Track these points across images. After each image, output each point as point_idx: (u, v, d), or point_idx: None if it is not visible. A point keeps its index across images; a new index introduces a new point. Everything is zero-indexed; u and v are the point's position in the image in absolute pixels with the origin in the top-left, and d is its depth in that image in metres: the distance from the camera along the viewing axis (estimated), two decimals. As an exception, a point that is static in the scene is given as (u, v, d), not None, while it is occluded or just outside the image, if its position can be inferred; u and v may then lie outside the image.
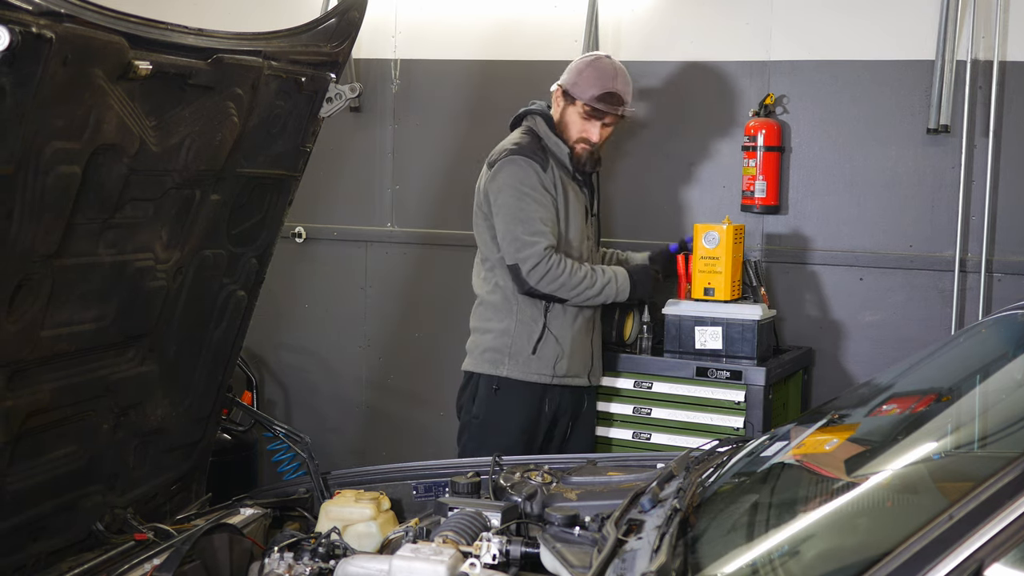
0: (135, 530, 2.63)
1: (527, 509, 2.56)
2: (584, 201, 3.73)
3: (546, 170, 3.55)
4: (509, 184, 3.53)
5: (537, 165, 3.52)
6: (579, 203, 3.68)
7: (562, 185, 3.60)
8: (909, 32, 4.23)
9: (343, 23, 2.78)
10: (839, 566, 1.78)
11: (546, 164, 3.55)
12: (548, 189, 3.55)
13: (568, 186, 3.63)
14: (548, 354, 3.65)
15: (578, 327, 3.72)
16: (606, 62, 3.55)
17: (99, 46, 2.04)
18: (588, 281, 3.59)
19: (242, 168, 2.68)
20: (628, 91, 3.57)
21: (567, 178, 3.64)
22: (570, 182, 3.64)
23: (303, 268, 5.21)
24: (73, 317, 2.38)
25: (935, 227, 4.26)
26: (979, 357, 2.60)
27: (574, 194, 3.66)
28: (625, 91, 3.55)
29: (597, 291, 3.63)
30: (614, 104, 3.49)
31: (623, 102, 3.52)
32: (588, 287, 3.60)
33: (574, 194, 3.66)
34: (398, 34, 4.99)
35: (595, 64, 3.54)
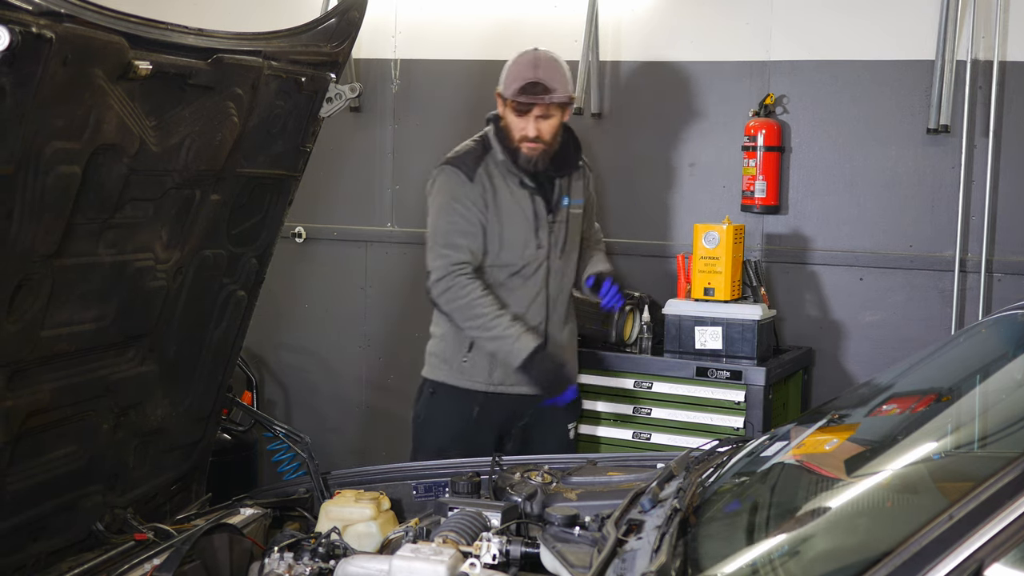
0: (135, 530, 2.63)
1: (527, 509, 2.56)
2: (534, 206, 3.48)
3: (473, 180, 3.41)
4: (437, 193, 3.47)
5: (464, 176, 3.41)
6: (521, 209, 3.46)
7: (494, 193, 3.43)
8: (909, 32, 4.23)
9: (343, 23, 2.78)
10: (839, 566, 1.78)
11: (473, 174, 3.41)
12: (474, 201, 3.41)
13: (508, 193, 3.45)
14: (481, 362, 3.51)
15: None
16: (527, 54, 3.40)
17: (99, 46, 2.04)
18: (484, 322, 3.40)
19: (242, 168, 2.68)
20: (555, 77, 3.36)
21: (510, 184, 3.45)
22: (514, 188, 3.45)
23: (303, 268, 5.21)
24: (73, 317, 2.38)
25: (935, 227, 4.26)
26: (979, 357, 2.60)
27: (514, 201, 3.46)
28: (550, 78, 3.34)
29: (489, 337, 3.42)
30: (537, 93, 3.31)
31: (548, 89, 3.33)
32: (481, 328, 3.41)
33: (514, 201, 3.46)
34: (398, 34, 4.99)
35: (516, 59, 3.41)
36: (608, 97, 4.69)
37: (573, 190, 3.57)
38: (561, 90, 3.36)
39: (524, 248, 3.48)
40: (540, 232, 3.49)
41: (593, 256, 3.78)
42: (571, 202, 3.56)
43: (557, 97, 3.34)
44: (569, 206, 3.56)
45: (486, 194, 3.42)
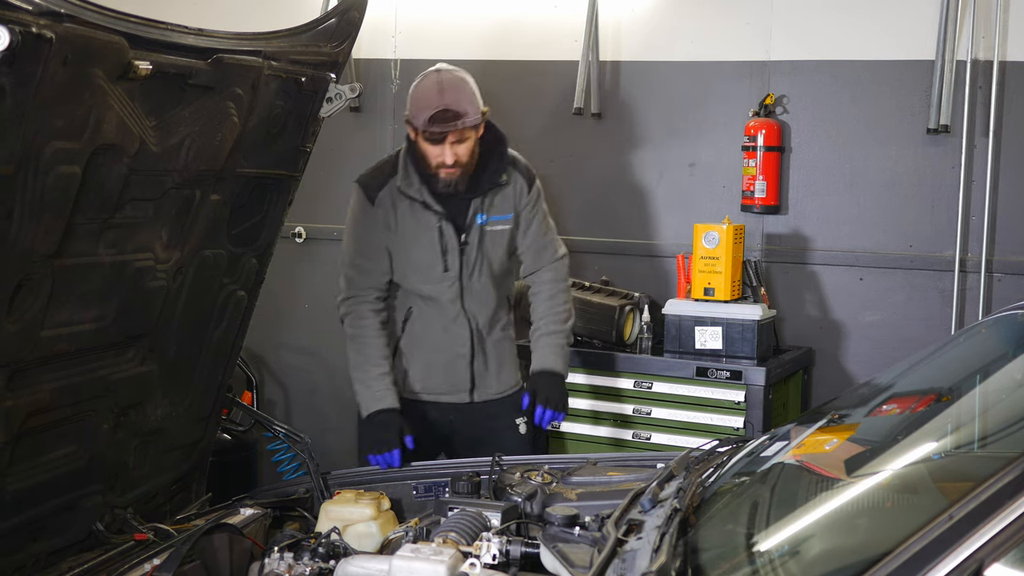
0: (135, 530, 2.63)
1: (527, 509, 2.56)
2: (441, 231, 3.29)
3: (375, 203, 3.29)
4: (349, 210, 3.38)
5: (366, 198, 3.30)
6: (426, 234, 3.29)
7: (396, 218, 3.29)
8: (909, 32, 4.23)
9: (343, 23, 2.78)
10: (839, 566, 1.78)
11: (376, 197, 3.29)
12: (375, 225, 3.30)
13: (411, 217, 3.28)
14: (400, 369, 3.43)
15: (435, 345, 3.41)
16: (429, 78, 3.18)
17: (99, 46, 2.04)
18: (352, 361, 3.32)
19: (242, 168, 2.68)
20: (462, 99, 3.14)
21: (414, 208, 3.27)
22: (419, 212, 3.27)
23: (303, 268, 5.21)
24: (73, 317, 2.38)
25: (935, 227, 4.26)
26: (979, 357, 2.60)
27: (418, 225, 3.28)
28: (457, 101, 3.12)
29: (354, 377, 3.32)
30: (448, 120, 3.10)
31: (459, 115, 3.11)
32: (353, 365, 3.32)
33: (418, 225, 3.28)
34: (398, 34, 4.99)
35: (419, 85, 3.20)
36: (608, 97, 4.69)
37: (494, 206, 3.33)
38: (472, 112, 3.14)
39: (430, 271, 3.32)
40: (448, 256, 3.30)
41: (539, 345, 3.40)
42: (489, 219, 3.31)
43: (469, 121, 3.14)
44: (486, 224, 3.31)
45: (388, 218, 3.29)
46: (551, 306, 3.43)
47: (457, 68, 3.23)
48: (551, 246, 3.47)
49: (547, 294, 3.44)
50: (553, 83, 4.73)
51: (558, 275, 3.46)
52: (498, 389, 3.48)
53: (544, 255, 3.45)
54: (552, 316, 3.41)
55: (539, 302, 3.45)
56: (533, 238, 3.42)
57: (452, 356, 3.41)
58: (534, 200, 3.39)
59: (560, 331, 3.40)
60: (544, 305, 3.43)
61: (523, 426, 3.48)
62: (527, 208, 3.38)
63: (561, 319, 3.42)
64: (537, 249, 3.43)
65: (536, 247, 3.43)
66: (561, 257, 3.49)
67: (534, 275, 3.47)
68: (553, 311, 3.42)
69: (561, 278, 3.47)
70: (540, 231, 3.43)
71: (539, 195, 3.41)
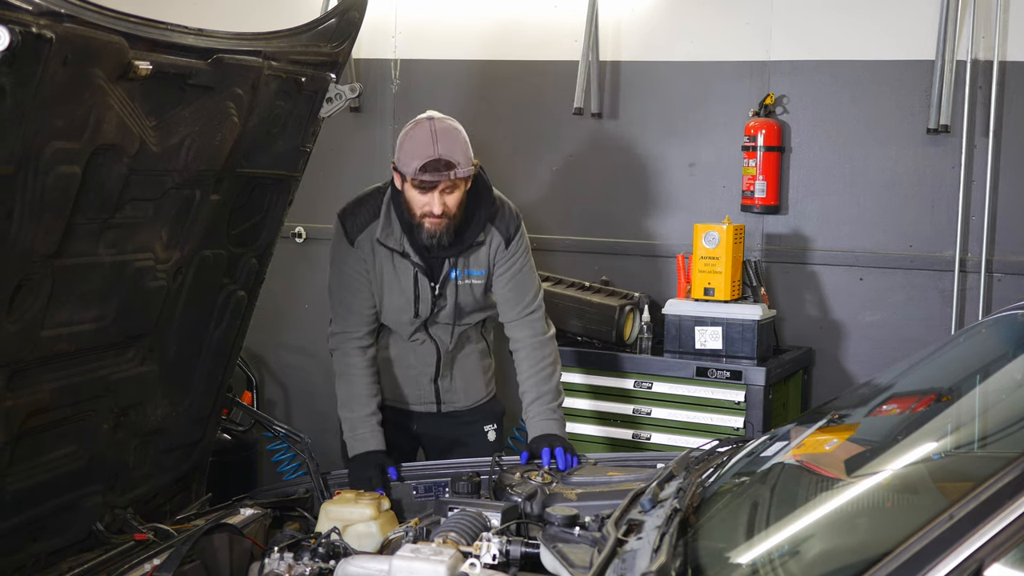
0: (135, 530, 2.63)
1: (527, 509, 2.57)
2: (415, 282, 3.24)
3: (354, 244, 3.23)
4: (332, 243, 3.31)
5: (346, 238, 3.24)
6: (399, 282, 3.25)
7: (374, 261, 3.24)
8: (909, 32, 4.23)
9: (343, 23, 2.78)
10: (839, 566, 1.78)
11: (355, 238, 3.23)
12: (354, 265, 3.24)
13: (389, 264, 3.24)
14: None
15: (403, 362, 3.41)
16: (423, 127, 3.08)
17: (99, 46, 2.04)
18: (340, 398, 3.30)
19: (242, 168, 2.68)
20: (456, 149, 3.05)
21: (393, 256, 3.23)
22: (397, 260, 3.23)
23: (303, 268, 5.21)
24: (73, 317, 2.38)
25: (935, 227, 4.26)
26: (979, 357, 2.60)
27: (395, 273, 3.24)
28: (450, 152, 3.04)
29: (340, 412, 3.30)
30: (440, 171, 3.02)
31: (452, 165, 3.03)
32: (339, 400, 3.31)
33: (395, 273, 3.24)
34: (398, 34, 4.99)
35: (412, 133, 3.10)
36: (608, 97, 4.69)
37: (470, 262, 3.26)
38: (464, 163, 3.06)
39: (400, 315, 3.29)
40: (420, 304, 3.26)
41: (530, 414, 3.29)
42: (463, 274, 3.26)
43: (462, 172, 3.05)
44: (459, 279, 3.26)
45: (367, 260, 3.25)
46: (533, 366, 3.32)
47: (448, 117, 3.15)
48: (524, 299, 3.34)
49: (526, 353, 3.34)
50: (553, 83, 4.73)
51: (535, 330, 3.35)
52: (465, 403, 3.46)
53: (517, 307, 3.34)
54: (537, 378, 3.31)
55: (520, 361, 3.35)
56: (505, 289, 3.32)
57: (417, 373, 3.40)
58: (511, 255, 3.29)
59: (546, 392, 3.30)
60: (526, 365, 3.33)
61: (492, 433, 3.49)
62: (502, 263, 3.29)
63: (545, 377, 3.31)
64: (510, 299, 3.33)
65: (509, 298, 3.33)
66: (535, 310, 3.36)
67: (511, 328, 3.37)
68: (537, 372, 3.32)
69: (538, 332, 3.35)
70: (516, 283, 3.32)
71: (518, 251, 3.30)
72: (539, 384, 3.30)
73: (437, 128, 3.08)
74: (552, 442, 3.14)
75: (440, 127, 3.08)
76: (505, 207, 3.29)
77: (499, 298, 3.35)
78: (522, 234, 3.32)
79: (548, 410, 3.27)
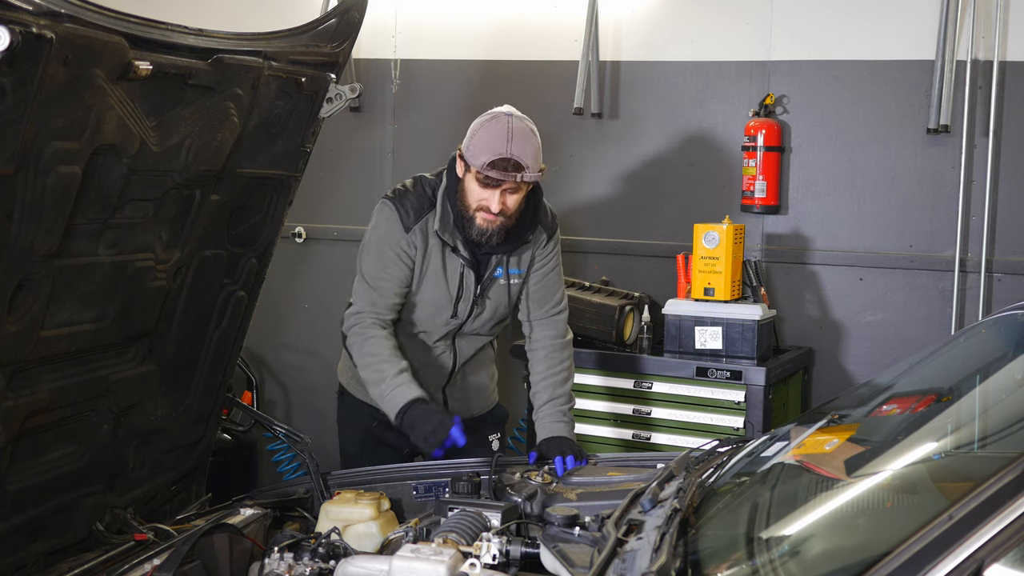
0: (135, 530, 2.63)
1: (527, 509, 2.56)
2: (462, 279, 3.20)
3: (409, 232, 3.15)
4: (376, 227, 3.22)
5: (402, 224, 3.16)
6: (447, 279, 3.20)
7: (425, 254, 3.18)
8: (909, 32, 4.23)
9: (343, 23, 2.78)
10: (839, 566, 1.78)
11: (411, 226, 3.15)
12: (405, 251, 3.17)
13: (439, 259, 3.18)
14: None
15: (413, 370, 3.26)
16: (500, 122, 3.02)
17: (99, 46, 2.04)
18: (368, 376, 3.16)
19: (242, 168, 2.68)
20: (528, 152, 2.99)
21: (445, 250, 3.17)
22: (448, 255, 3.18)
23: (303, 268, 5.21)
24: (73, 317, 2.38)
25: (935, 227, 4.26)
26: (979, 357, 2.60)
27: (443, 268, 3.19)
28: (523, 153, 2.98)
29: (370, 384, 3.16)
30: (508, 171, 2.96)
31: (522, 167, 2.97)
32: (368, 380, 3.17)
33: (443, 268, 3.19)
34: (398, 34, 4.99)
35: (488, 126, 3.04)
36: (608, 97, 4.69)
37: (512, 261, 3.24)
38: (533, 167, 3.01)
39: (436, 315, 3.24)
40: (460, 304, 3.22)
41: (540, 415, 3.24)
42: (505, 272, 3.24)
43: (529, 176, 3.00)
44: (503, 276, 3.24)
45: (417, 251, 3.17)
46: (549, 366, 3.30)
47: (526, 117, 3.09)
48: (553, 298, 3.34)
49: (545, 352, 3.32)
50: (553, 83, 4.73)
51: (558, 331, 3.34)
52: (471, 411, 3.41)
53: (545, 305, 3.32)
54: (553, 380, 3.28)
55: (537, 361, 3.33)
56: (538, 286, 3.31)
57: (428, 384, 3.30)
58: (550, 251, 3.30)
59: (561, 395, 3.27)
60: (543, 366, 3.31)
61: (496, 442, 3.43)
62: (539, 260, 3.29)
63: (561, 380, 3.29)
64: (540, 297, 3.31)
65: (539, 295, 3.31)
66: (561, 311, 3.36)
67: (533, 326, 3.35)
68: (555, 375, 3.29)
69: (560, 334, 3.34)
70: (548, 281, 3.31)
71: (556, 247, 3.33)
72: (554, 387, 3.27)
73: (515, 127, 3.02)
74: (563, 446, 3.10)
75: (517, 126, 3.02)
76: (545, 204, 3.30)
77: (529, 296, 3.30)
78: (558, 229, 3.34)
79: (560, 412, 3.23)
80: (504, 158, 2.97)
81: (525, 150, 3.00)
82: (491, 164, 2.98)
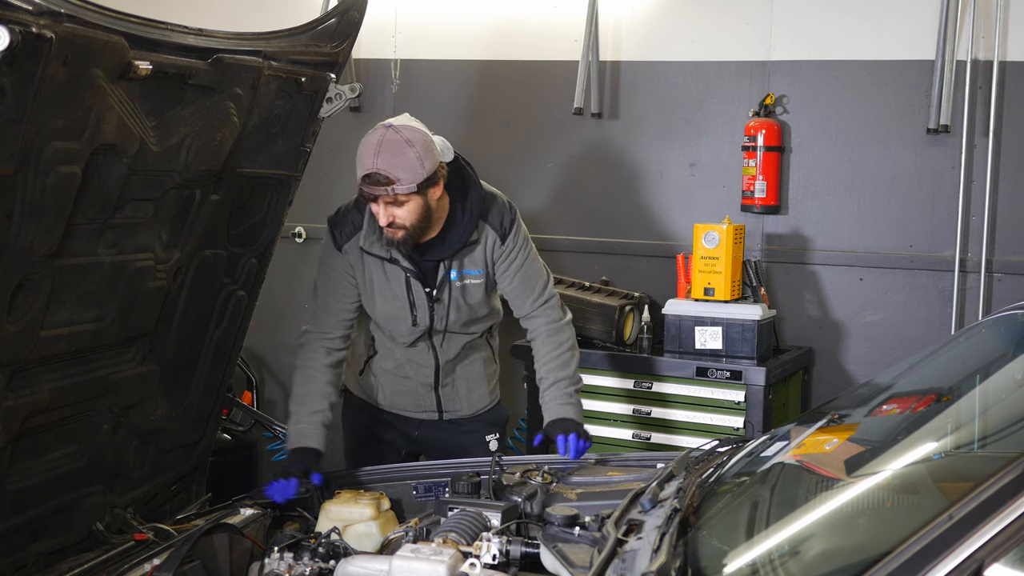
0: (135, 530, 2.63)
1: (527, 509, 2.56)
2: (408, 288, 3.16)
3: (342, 251, 3.16)
4: (322, 246, 3.24)
5: (334, 244, 3.18)
6: (392, 289, 3.17)
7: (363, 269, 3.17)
8: (909, 32, 4.23)
9: (343, 23, 2.78)
10: (839, 566, 1.78)
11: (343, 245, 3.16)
12: (342, 272, 3.18)
13: (379, 271, 3.16)
14: (372, 382, 3.40)
15: (400, 372, 3.35)
16: (375, 136, 2.93)
17: (99, 46, 2.04)
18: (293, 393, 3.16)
19: (242, 168, 2.68)
20: (397, 164, 2.88)
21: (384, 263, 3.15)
22: (388, 267, 3.15)
23: (303, 268, 5.20)
24: (73, 317, 2.38)
25: (935, 227, 4.26)
26: (979, 357, 2.60)
27: (387, 280, 3.16)
28: (390, 167, 2.87)
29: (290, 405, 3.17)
30: (379, 184, 2.88)
31: (390, 180, 2.87)
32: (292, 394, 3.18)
33: (387, 280, 3.16)
34: (398, 34, 4.99)
35: (365, 139, 2.95)
36: (608, 97, 4.69)
37: (466, 262, 3.17)
38: (406, 179, 2.89)
39: (397, 325, 3.23)
40: (417, 311, 3.19)
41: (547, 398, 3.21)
42: (462, 273, 3.17)
43: (400, 189, 2.89)
44: (458, 279, 3.18)
45: (355, 268, 3.18)
46: (550, 351, 3.25)
47: (410, 126, 2.97)
48: (535, 291, 3.26)
49: (543, 339, 3.27)
50: (553, 83, 4.73)
51: (551, 317, 3.27)
52: (469, 410, 3.41)
53: (527, 299, 3.26)
54: (555, 363, 3.24)
55: (538, 347, 3.29)
56: (512, 283, 3.24)
57: (416, 384, 3.35)
58: (508, 250, 3.20)
59: (564, 378, 3.22)
60: (544, 351, 3.26)
61: (494, 443, 3.43)
62: (501, 259, 3.20)
63: (563, 363, 3.24)
64: (520, 294, 3.26)
65: (517, 292, 3.26)
66: (547, 300, 3.28)
67: (526, 321, 3.31)
68: (556, 358, 3.24)
69: (554, 319, 3.28)
70: (522, 276, 3.23)
71: (516, 244, 3.21)
72: (557, 369, 3.22)
73: (386, 140, 2.91)
74: (567, 427, 3.09)
75: (390, 139, 2.91)
76: (497, 201, 3.19)
77: (509, 294, 3.28)
78: (518, 226, 3.22)
79: (565, 394, 3.18)
80: (369, 173, 2.90)
81: (394, 163, 2.89)
82: (362, 179, 2.93)
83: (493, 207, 3.18)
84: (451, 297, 3.19)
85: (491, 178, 3.30)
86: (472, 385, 3.41)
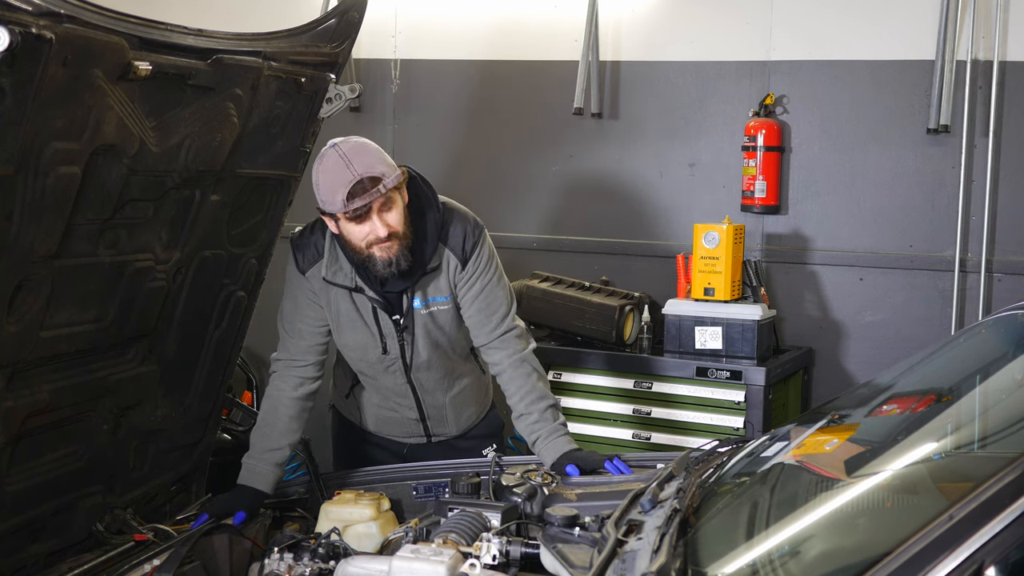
0: (135, 530, 2.63)
1: (527, 509, 2.56)
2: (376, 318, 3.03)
3: (306, 275, 3.01)
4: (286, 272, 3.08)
5: (298, 269, 3.03)
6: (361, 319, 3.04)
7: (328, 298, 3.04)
8: (909, 32, 4.23)
9: (343, 23, 2.78)
10: (839, 566, 1.78)
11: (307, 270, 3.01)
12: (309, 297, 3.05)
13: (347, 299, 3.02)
14: (355, 405, 3.32)
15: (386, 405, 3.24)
16: (331, 156, 2.77)
17: (99, 47, 2.04)
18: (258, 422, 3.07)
19: (242, 168, 2.68)
20: (373, 163, 2.77)
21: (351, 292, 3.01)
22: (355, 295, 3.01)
23: (303, 268, 5.20)
24: (73, 318, 2.38)
25: (935, 227, 4.26)
26: (979, 357, 2.60)
27: (353, 309, 3.03)
28: (369, 167, 2.76)
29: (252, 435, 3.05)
30: (368, 189, 2.75)
31: (378, 179, 2.76)
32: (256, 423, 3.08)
33: (353, 309, 3.03)
34: (398, 34, 4.99)
35: (323, 168, 2.79)
36: (608, 97, 4.69)
37: (430, 289, 3.01)
38: (389, 171, 2.79)
39: (367, 353, 3.10)
40: (387, 340, 3.05)
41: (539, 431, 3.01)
42: (427, 301, 3.02)
43: (390, 182, 2.77)
44: (424, 307, 3.02)
45: (319, 295, 3.04)
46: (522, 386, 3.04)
47: (351, 138, 2.84)
48: (493, 319, 3.06)
49: (510, 374, 3.06)
50: (553, 83, 4.73)
51: (512, 349, 3.06)
52: (458, 430, 3.29)
53: (485, 328, 3.06)
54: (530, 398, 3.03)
55: (507, 383, 3.08)
56: (470, 312, 3.07)
57: (402, 417, 3.25)
58: (469, 275, 3.02)
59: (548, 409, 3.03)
60: (514, 387, 3.06)
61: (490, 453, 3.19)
62: (462, 284, 3.03)
63: (539, 396, 3.04)
64: (477, 322, 3.07)
65: (475, 322, 3.07)
66: (507, 331, 3.06)
67: (486, 352, 3.11)
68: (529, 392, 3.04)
69: (517, 350, 3.06)
70: (479, 305, 3.04)
71: (477, 269, 3.03)
72: (534, 403, 3.03)
73: (346, 150, 2.78)
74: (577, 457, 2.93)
75: (348, 147, 2.79)
76: (457, 222, 3.01)
77: (467, 321, 3.08)
78: (481, 248, 3.02)
79: (559, 426, 3.02)
80: (357, 181, 2.75)
81: (370, 162, 2.78)
82: (349, 197, 2.76)
83: (453, 229, 3.01)
84: (419, 324, 3.04)
85: (491, 178, 3.31)
86: (460, 409, 3.28)
